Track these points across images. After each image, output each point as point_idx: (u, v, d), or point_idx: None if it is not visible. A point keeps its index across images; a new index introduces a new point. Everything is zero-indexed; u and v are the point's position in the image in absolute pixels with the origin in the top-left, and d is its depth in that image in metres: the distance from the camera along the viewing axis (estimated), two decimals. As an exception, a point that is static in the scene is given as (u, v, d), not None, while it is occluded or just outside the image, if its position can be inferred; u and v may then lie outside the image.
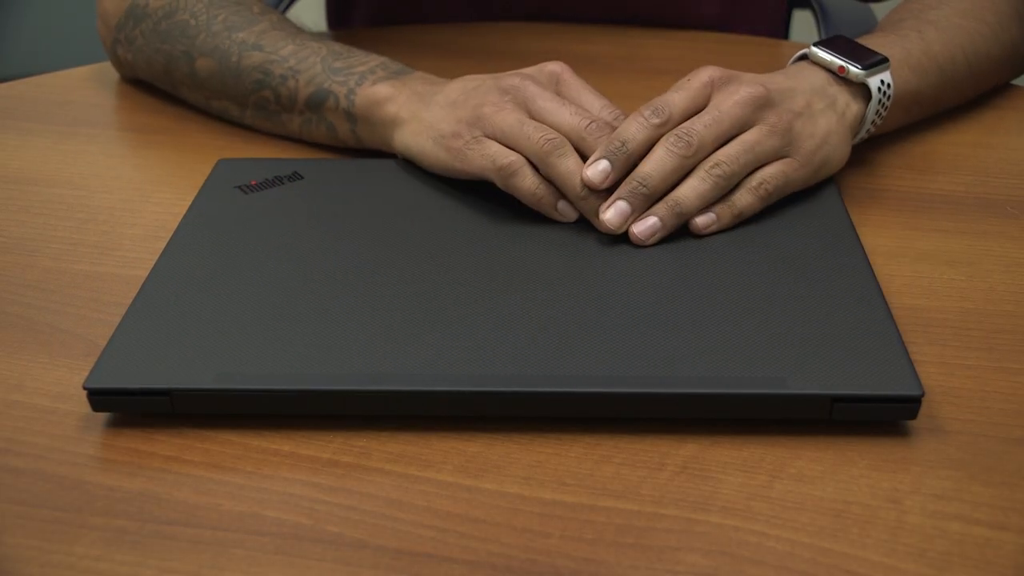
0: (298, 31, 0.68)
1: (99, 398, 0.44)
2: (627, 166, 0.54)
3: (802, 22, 1.05)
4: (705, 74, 0.57)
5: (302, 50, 0.66)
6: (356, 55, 0.65)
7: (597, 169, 0.54)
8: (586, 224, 0.55)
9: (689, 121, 0.55)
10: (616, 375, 0.44)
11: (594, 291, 0.49)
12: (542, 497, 0.41)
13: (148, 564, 0.38)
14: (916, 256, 0.56)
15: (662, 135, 0.54)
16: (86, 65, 0.83)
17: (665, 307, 0.48)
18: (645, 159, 0.54)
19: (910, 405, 0.43)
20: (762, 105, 0.56)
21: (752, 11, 0.94)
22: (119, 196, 0.63)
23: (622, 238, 0.54)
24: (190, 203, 0.58)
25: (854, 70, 0.60)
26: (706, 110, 0.56)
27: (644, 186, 0.53)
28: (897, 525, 0.40)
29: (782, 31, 0.98)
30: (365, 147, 0.65)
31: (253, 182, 0.60)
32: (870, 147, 0.68)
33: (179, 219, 0.57)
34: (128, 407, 0.45)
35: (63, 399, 0.47)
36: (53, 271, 0.56)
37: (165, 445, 0.44)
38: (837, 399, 0.43)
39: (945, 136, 0.70)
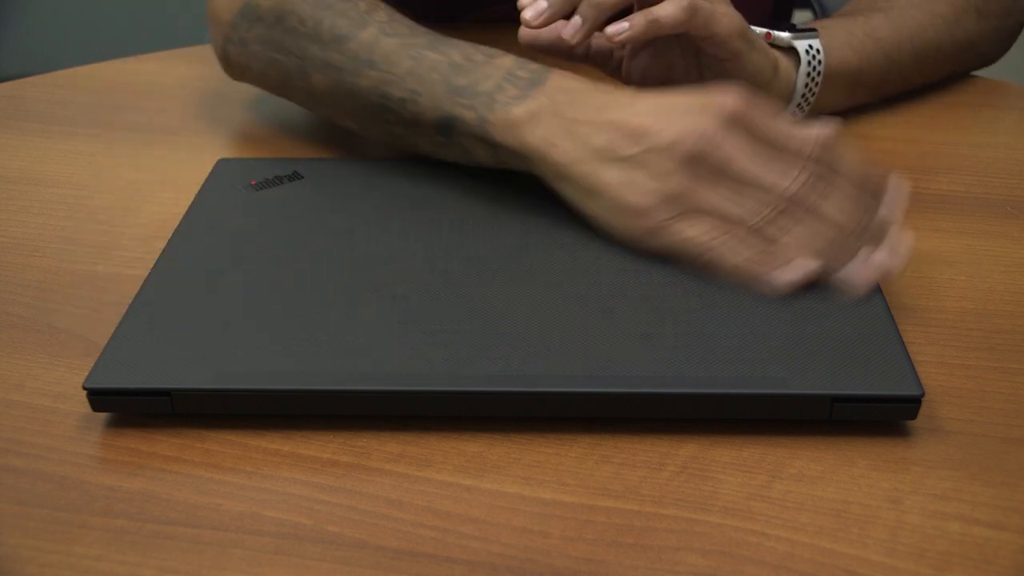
0: (411, 33, 0.59)
1: (99, 398, 0.44)
2: None
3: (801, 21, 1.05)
4: None
5: (419, 66, 0.57)
6: (479, 64, 0.56)
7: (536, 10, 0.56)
8: (587, 225, 0.55)
9: None
10: (616, 375, 0.44)
11: (595, 291, 0.49)
12: (542, 497, 0.41)
13: (148, 564, 0.38)
14: (916, 256, 0.56)
15: None
16: (86, 65, 0.83)
17: (665, 307, 0.48)
18: None
19: (910, 405, 0.43)
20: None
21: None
22: (119, 196, 0.63)
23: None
24: (190, 203, 0.58)
25: (781, 35, 0.63)
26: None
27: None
28: (897, 525, 0.40)
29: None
30: (510, 168, 0.57)
31: (253, 182, 0.60)
32: (868, 147, 0.68)
33: (179, 219, 0.57)
34: (128, 407, 0.45)
35: (63, 399, 0.47)
36: (53, 271, 0.56)
37: (165, 445, 0.44)
38: (837, 399, 0.43)
39: (945, 136, 0.70)
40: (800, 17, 1.04)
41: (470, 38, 0.59)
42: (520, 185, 0.59)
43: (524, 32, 0.61)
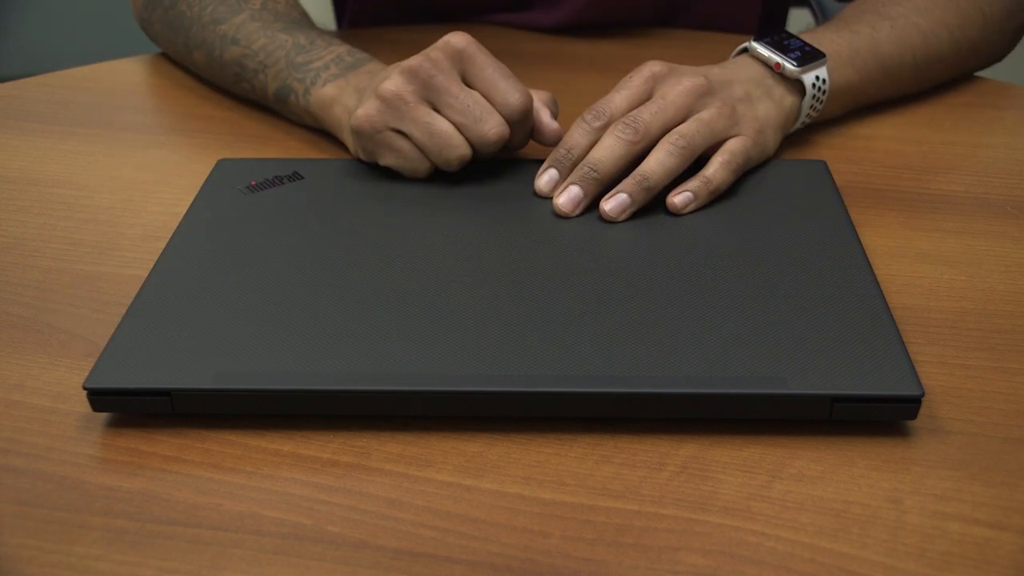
0: (274, 20, 0.70)
1: (99, 398, 0.44)
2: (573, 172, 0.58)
3: (802, 22, 1.05)
4: (647, 69, 0.60)
5: (271, 43, 0.68)
6: (317, 48, 0.66)
7: (544, 179, 0.58)
8: (588, 226, 0.55)
9: (636, 110, 0.58)
10: (616, 375, 0.44)
11: (595, 292, 0.49)
12: (542, 497, 0.41)
13: (148, 564, 0.38)
14: (916, 256, 0.56)
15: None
16: (86, 65, 0.83)
17: (665, 307, 0.48)
18: (595, 147, 0.57)
19: (910, 405, 0.43)
20: (704, 93, 0.59)
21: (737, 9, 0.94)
22: (119, 196, 0.63)
23: (624, 241, 0.54)
24: (190, 203, 0.58)
25: (790, 67, 0.63)
26: (652, 100, 0.59)
27: (595, 171, 0.56)
28: (897, 525, 0.40)
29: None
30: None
31: (253, 182, 0.60)
32: (869, 148, 0.68)
33: (179, 219, 0.57)
34: (128, 407, 0.45)
35: (63, 399, 0.47)
36: (53, 271, 0.56)
37: (165, 445, 0.44)
38: (837, 399, 0.43)
39: (945, 136, 0.70)
40: (798, 16, 1.04)
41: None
42: (520, 186, 0.59)
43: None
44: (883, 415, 0.44)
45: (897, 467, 0.43)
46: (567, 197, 0.56)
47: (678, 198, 0.56)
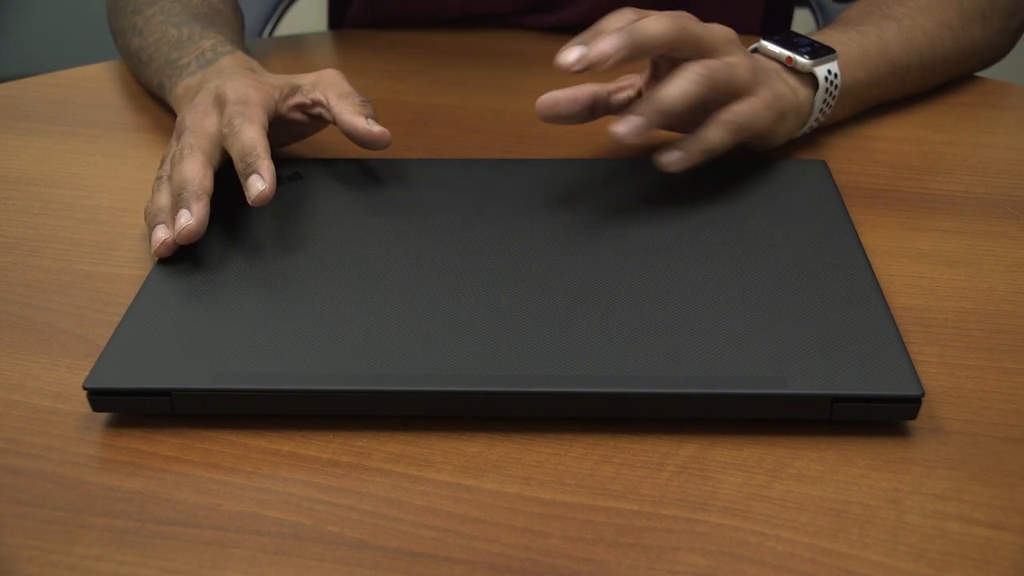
0: (179, 13, 0.71)
1: (99, 398, 0.44)
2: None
3: (801, 22, 1.05)
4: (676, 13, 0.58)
5: (162, 37, 0.69)
6: (192, 42, 0.67)
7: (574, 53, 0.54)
8: (588, 226, 0.55)
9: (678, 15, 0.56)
10: (616, 375, 0.44)
11: (595, 292, 0.49)
12: (542, 497, 0.41)
13: (148, 564, 0.38)
14: (916, 256, 0.56)
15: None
16: (86, 65, 0.83)
17: (665, 307, 0.48)
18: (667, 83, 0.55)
19: (910, 405, 0.43)
20: (735, 41, 0.58)
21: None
22: (119, 196, 0.63)
23: (624, 241, 0.54)
24: (190, 203, 0.58)
25: (802, 60, 0.63)
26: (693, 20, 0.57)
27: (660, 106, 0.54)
28: (897, 525, 0.40)
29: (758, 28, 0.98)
30: None
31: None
32: (869, 148, 0.68)
33: (179, 219, 0.57)
34: (128, 407, 0.45)
35: (63, 399, 0.47)
36: (53, 271, 0.56)
37: (165, 445, 0.44)
38: (837, 399, 0.43)
39: (945, 136, 0.70)
40: (799, 16, 1.04)
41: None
42: (521, 187, 0.59)
43: (543, 104, 0.59)
44: (883, 415, 0.44)
45: (897, 467, 0.43)
46: (627, 127, 0.54)
47: (668, 157, 0.56)
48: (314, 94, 0.61)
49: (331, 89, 0.60)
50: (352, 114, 0.59)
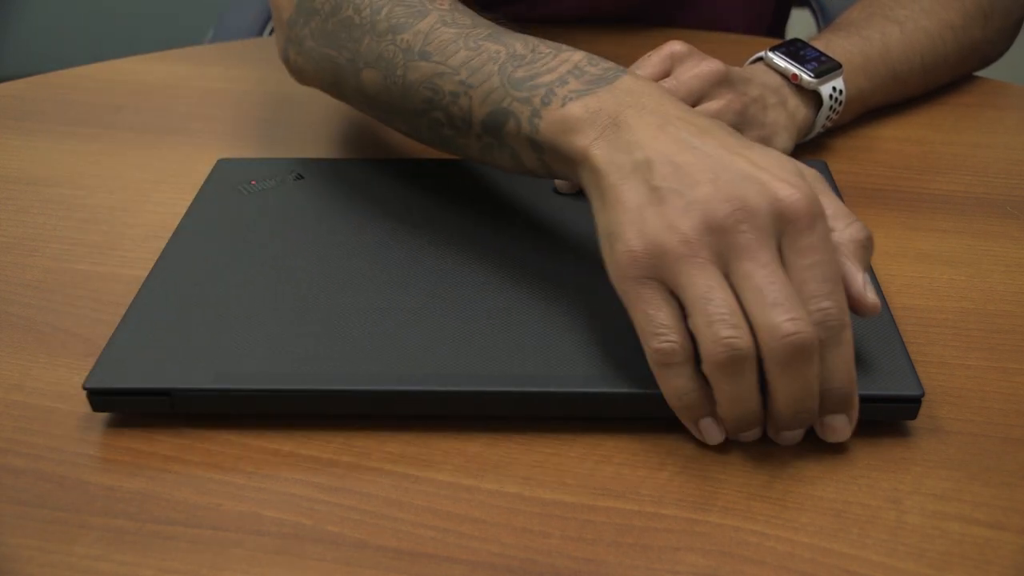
0: (473, 25, 0.52)
1: (99, 398, 0.44)
2: None
3: (802, 21, 1.05)
4: (667, 48, 0.59)
5: (477, 56, 0.50)
6: (543, 56, 0.48)
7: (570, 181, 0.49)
8: (588, 225, 0.55)
9: None
10: (616, 375, 0.44)
11: (596, 292, 0.49)
12: (542, 497, 0.41)
13: (148, 564, 0.38)
14: (916, 256, 0.56)
15: None
16: (86, 65, 0.83)
17: (665, 307, 0.48)
18: None
19: (910, 405, 0.43)
20: (720, 82, 0.58)
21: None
22: (119, 196, 0.63)
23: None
24: (190, 203, 0.58)
25: (807, 78, 0.63)
26: (664, 79, 0.58)
27: None
28: (897, 525, 0.40)
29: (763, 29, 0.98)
30: (559, 178, 0.50)
31: (253, 182, 0.60)
32: (869, 148, 0.68)
33: (179, 219, 0.57)
34: (128, 407, 0.45)
35: (63, 399, 0.47)
36: (53, 271, 0.56)
37: (165, 445, 0.44)
38: (837, 399, 0.43)
39: (945, 136, 0.70)
40: (798, 16, 1.04)
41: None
42: (522, 187, 0.59)
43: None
44: (883, 415, 0.44)
45: (897, 467, 0.43)
46: (565, 181, 0.56)
47: None
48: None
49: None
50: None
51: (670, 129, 0.43)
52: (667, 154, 0.42)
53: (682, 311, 0.41)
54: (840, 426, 0.42)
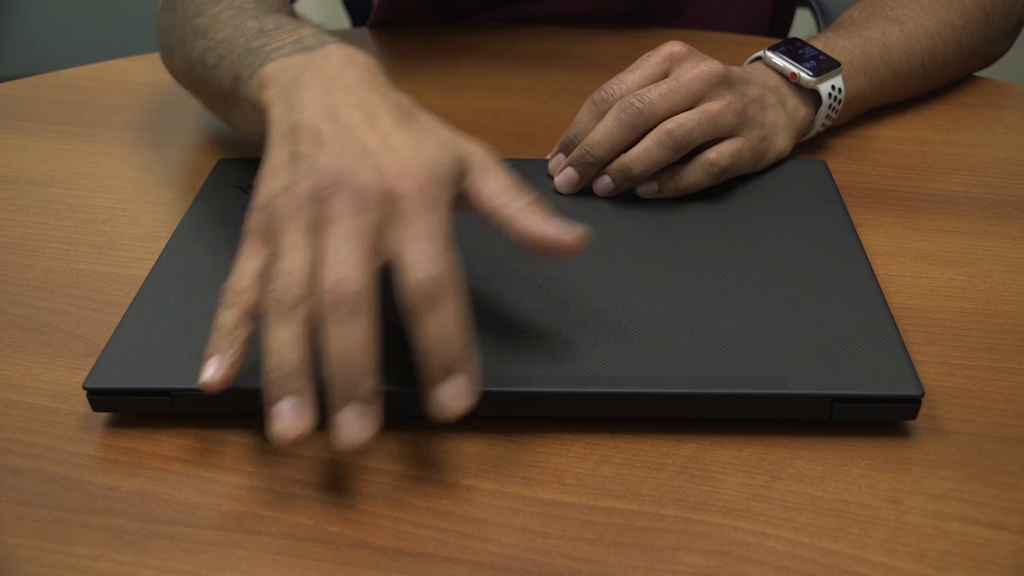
0: (254, 7, 0.57)
1: (99, 398, 0.44)
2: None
3: (802, 21, 1.05)
4: (666, 49, 0.59)
5: (235, 32, 0.54)
6: (283, 31, 0.52)
7: (552, 164, 0.59)
8: (587, 226, 0.55)
9: (644, 89, 0.57)
10: (616, 375, 0.44)
11: (595, 292, 0.49)
12: (542, 497, 0.41)
13: (148, 564, 0.38)
14: (916, 256, 0.56)
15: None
16: (86, 65, 0.83)
17: (664, 307, 0.48)
18: (596, 127, 0.57)
19: (910, 405, 0.43)
20: (719, 83, 0.58)
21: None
22: (119, 196, 0.63)
23: (623, 241, 0.54)
24: (190, 203, 0.58)
25: (805, 77, 0.63)
26: (664, 80, 0.58)
27: (591, 155, 0.56)
28: (897, 525, 0.40)
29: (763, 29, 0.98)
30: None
31: (253, 182, 0.60)
32: (869, 148, 0.68)
33: (179, 219, 0.57)
34: (128, 407, 0.45)
35: (63, 399, 0.47)
36: (53, 271, 0.56)
37: (165, 445, 0.44)
38: (837, 399, 0.43)
39: (945, 136, 0.70)
40: (798, 16, 1.04)
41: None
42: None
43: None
44: (883, 415, 0.44)
45: (897, 467, 0.43)
46: (563, 179, 0.58)
47: (643, 188, 0.57)
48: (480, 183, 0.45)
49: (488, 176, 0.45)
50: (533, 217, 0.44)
51: (330, 97, 0.45)
52: (314, 121, 0.44)
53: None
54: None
